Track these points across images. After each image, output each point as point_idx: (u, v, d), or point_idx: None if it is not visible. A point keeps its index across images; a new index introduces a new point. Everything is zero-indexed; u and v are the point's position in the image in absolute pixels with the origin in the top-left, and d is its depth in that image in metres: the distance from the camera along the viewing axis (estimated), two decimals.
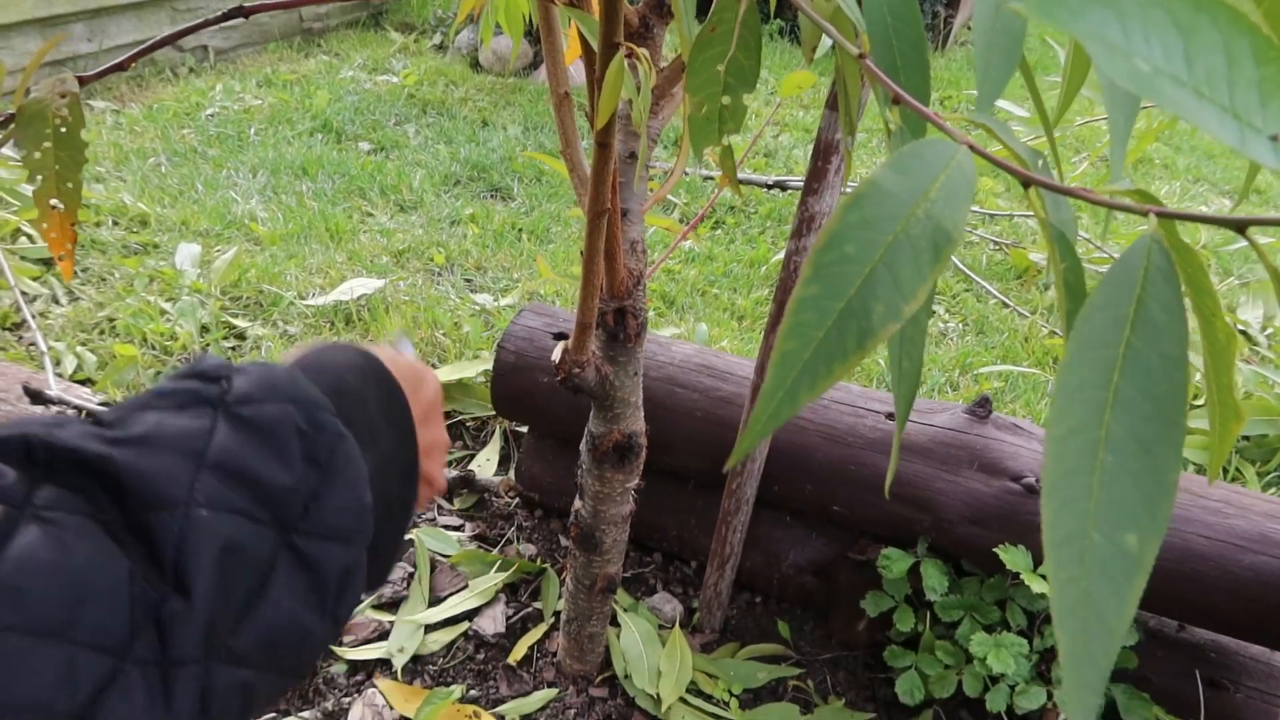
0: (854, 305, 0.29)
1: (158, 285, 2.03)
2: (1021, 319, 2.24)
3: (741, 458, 0.29)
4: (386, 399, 0.40)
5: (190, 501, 0.30)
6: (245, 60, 3.74)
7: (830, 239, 0.30)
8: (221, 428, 0.32)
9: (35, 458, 0.29)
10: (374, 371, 0.41)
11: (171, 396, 0.33)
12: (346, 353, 0.41)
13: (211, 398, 0.33)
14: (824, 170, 1.00)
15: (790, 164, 3.10)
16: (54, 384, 1.63)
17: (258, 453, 0.32)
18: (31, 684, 0.25)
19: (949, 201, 0.31)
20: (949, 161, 0.32)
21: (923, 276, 0.31)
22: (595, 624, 1.20)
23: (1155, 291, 0.27)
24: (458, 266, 2.28)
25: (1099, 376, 0.26)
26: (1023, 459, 1.16)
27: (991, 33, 0.41)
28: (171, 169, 2.65)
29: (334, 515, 0.34)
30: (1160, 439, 0.25)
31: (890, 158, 0.32)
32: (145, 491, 0.29)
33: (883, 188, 0.31)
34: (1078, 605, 0.24)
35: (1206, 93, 0.23)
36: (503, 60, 3.79)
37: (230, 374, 0.34)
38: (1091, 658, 0.23)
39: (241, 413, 0.32)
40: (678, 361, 1.31)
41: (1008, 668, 1.09)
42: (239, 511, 0.31)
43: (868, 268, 0.30)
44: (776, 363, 0.29)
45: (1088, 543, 0.24)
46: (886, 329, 0.30)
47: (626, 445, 1.00)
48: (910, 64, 0.45)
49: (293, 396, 0.34)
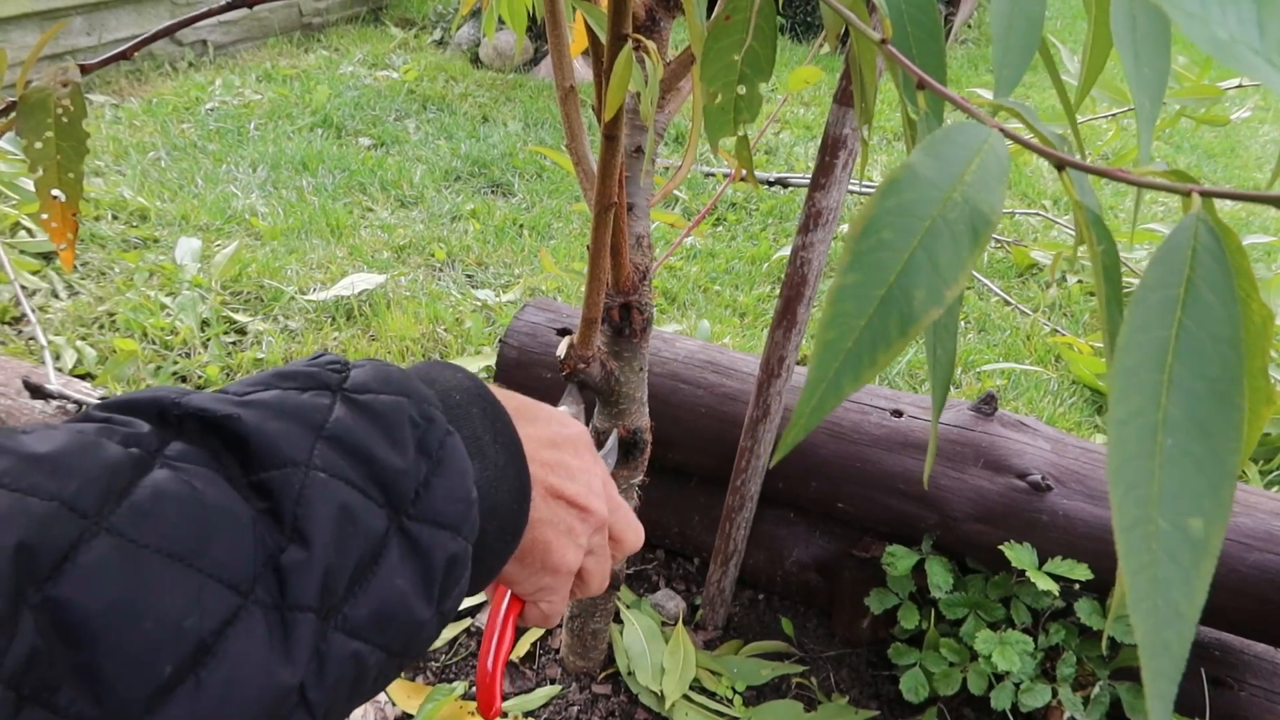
0: (894, 292, 0.29)
1: (158, 280, 2.02)
2: (1023, 317, 2.24)
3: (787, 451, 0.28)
4: (491, 419, 0.40)
5: (310, 464, 0.31)
6: (245, 55, 3.73)
7: (867, 225, 0.30)
8: (340, 408, 0.33)
9: (167, 417, 0.31)
10: (479, 394, 0.40)
11: (293, 379, 0.34)
12: (455, 372, 0.41)
13: (331, 383, 0.34)
14: (831, 165, 0.99)
15: (791, 161, 3.10)
16: (54, 378, 1.63)
17: (374, 434, 0.33)
18: (165, 600, 0.27)
19: (984, 185, 0.31)
20: (982, 145, 0.31)
21: (961, 260, 0.30)
22: (598, 620, 1.19)
23: (1204, 272, 0.26)
24: (459, 262, 2.27)
25: (1154, 359, 0.25)
26: (1028, 456, 1.15)
27: (1010, 17, 0.40)
28: (171, 163, 2.64)
29: (443, 503, 0.34)
30: (1218, 421, 0.25)
31: (923, 143, 0.31)
32: (269, 449, 0.31)
33: (918, 172, 0.31)
34: (1149, 592, 0.23)
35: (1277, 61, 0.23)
36: (503, 56, 3.78)
37: (348, 365, 0.36)
38: (1166, 645, 0.23)
39: (359, 399, 0.34)
40: (682, 357, 1.31)
41: (1012, 665, 1.08)
42: (354, 484, 0.32)
43: (906, 253, 0.29)
44: (818, 353, 0.28)
45: (1153, 528, 0.24)
46: (929, 314, 0.30)
47: (631, 441, 0.99)
48: (926, 51, 0.44)
49: (406, 390, 0.35)
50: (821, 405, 0.29)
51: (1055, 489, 1.13)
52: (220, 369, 1.74)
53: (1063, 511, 1.12)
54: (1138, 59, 0.45)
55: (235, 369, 1.76)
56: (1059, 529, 1.12)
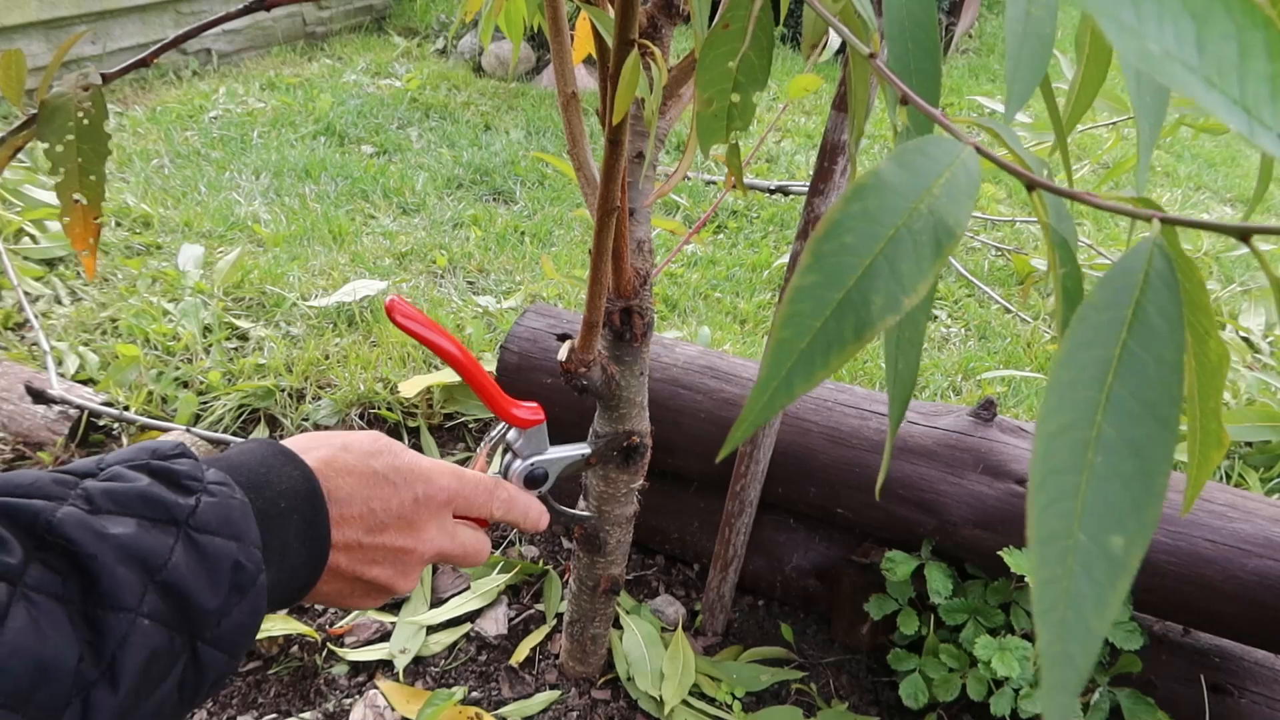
0: (852, 296, 0.29)
1: (160, 286, 2.03)
2: (1024, 324, 2.25)
3: (733, 448, 0.29)
4: (309, 523, 0.48)
5: (139, 611, 0.37)
6: (248, 64, 3.75)
7: (830, 228, 0.30)
8: (179, 551, 0.39)
9: (37, 534, 0.36)
10: (308, 498, 0.48)
11: (153, 505, 0.40)
12: (293, 471, 0.48)
13: (179, 517, 0.40)
14: (829, 171, 1.00)
15: (792, 169, 3.11)
16: (56, 383, 1.63)
17: (200, 577, 0.40)
18: None
19: (952, 198, 0.31)
20: (953, 159, 0.32)
21: (923, 271, 0.30)
22: (598, 626, 1.19)
23: (1155, 296, 0.27)
24: (460, 269, 2.28)
25: (1093, 376, 0.26)
26: (1027, 461, 1.15)
27: (1023, 35, 0.41)
28: (174, 171, 2.66)
29: (234, 631, 0.42)
30: (1152, 442, 0.25)
31: (894, 153, 0.32)
32: (111, 592, 0.37)
33: (885, 180, 0.31)
34: (1057, 604, 0.23)
35: (1217, 82, 0.23)
36: (505, 64, 3.80)
37: (200, 492, 0.42)
38: (1070, 658, 0.23)
39: (198, 540, 0.40)
40: (682, 363, 1.31)
41: (1012, 671, 1.08)
42: (170, 626, 0.39)
43: (868, 259, 0.29)
44: (772, 351, 0.28)
45: (1072, 542, 0.24)
46: (885, 320, 0.30)
47: (631, 446, 1.00)
48: (923, 69, 0.45)
49: (239, 533, 0.42)
50: (772, 403, 0.29)
51: None
52: (222, 374, 1.75)
53: None
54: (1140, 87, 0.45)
55: (237, 374, 1.77)
56: None
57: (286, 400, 1.72)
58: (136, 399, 1.68)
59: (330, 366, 1.78)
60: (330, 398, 1.71)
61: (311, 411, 1.70)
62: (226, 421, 1.68)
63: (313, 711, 1.18)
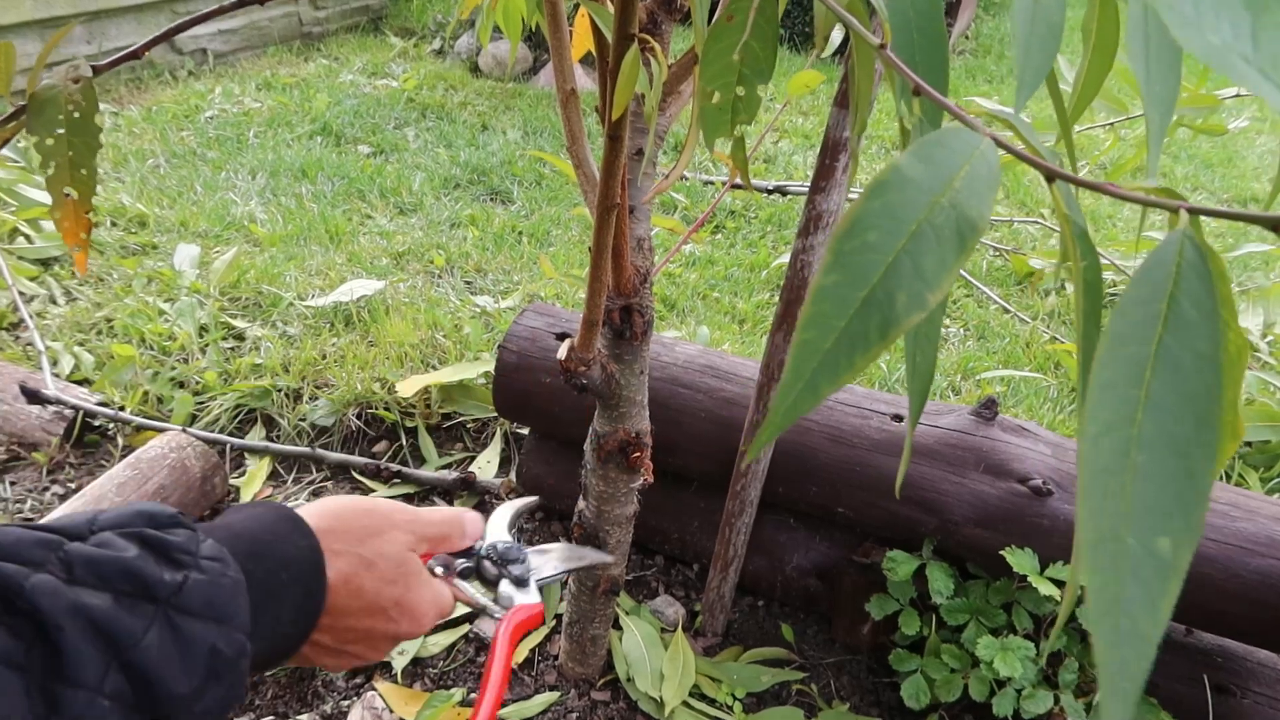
0: (877, 294, 0.28)
1: (156, 286, 2.02)
2: (1022, 324, 2.24)
3: (758, 453, 0.28)
4: (305, 598, 0.47)
5: (99, 690, 0.36)
6: (244, 64, 3.74)
7: (852, 226, 0.29)
8: (154, 632, 0.38)
9: (8, 595, 0.35)
10: (311, 572, 0.48)
11: (132, 579, 0.38)
12: (300, 541, 0.48)
13: (161, 596, 0.39)
14: (831, 168, 0.99)
15: (790, 169, 3.10)
16: (51, 384, 1.62)
17: (173, 663, 0.38)
18: None
19: (974, 192, 0.31)
20: (973, 152, 0.31)
21: (947, 266, 0.30)
22: (597, 627, 1.18)
23: (1188, 288, 0.26)
24: (457, 269, 2.27)
25: (1131, 374, 0.25)
26: (1029, 461, 1.15)
27: (1031, 24, 0.40)
28: (170, 170, 2.64)
29: (204, 716, 0.40)
30: (1193, 440, 0.24)
31: (913, 145, 0.31)
32: (74, 669, 0.35)
33: (906, 175, 0.30)
34: (1111, 610, 0.23)
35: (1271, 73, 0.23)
36: (502, 65, 3.79)
37: (191, 568, 0.40)
38: (1125, 666, 0.22)
39: (176, 621, 0.39)
40: (681, 362, 1.30)
41: (1014, 671, 1.08)
42: (132, 706, 0.37)
43: (891, 256, 0.29)
44: (795, 353, 0.28)
45: (1121, 546, 0.23)
46: (910, 318, 0.29)
47: (632, 444, 0.99)
48: (929, 61, 0.44)
49: (223, 616, 0.41)
50: (796, 406, 0.28)
51: (1056, 494, 1.12)
52: (218, 374, 1.74)
53: (1064, 516, 1.12)
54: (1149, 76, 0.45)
55: (233, 374, 1.75)
56: (1060, 534, 1.12)
57: (283, 400, 1.71)
58: (132, 399, 1.67)
59: (327, 366, 1.77)
60: (327, 397, 1.70)
61: (309, 412, 1.69)
62: (223, 422, 1.67)
63: (310, 713, 1.17)
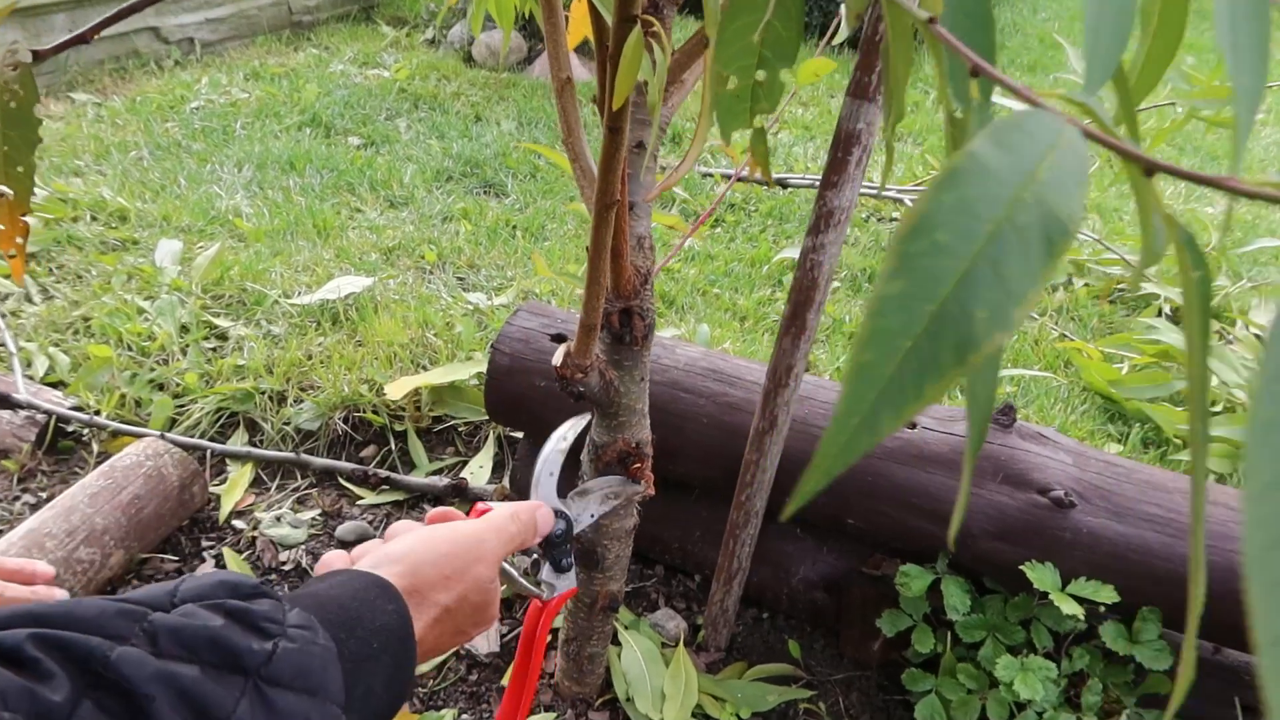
0: (949, 307, 0.23)
1: (136, 283, 1.95)
2: (1030, 321, 2.19)
3: (806, 499, 0.22)
4: (397, 664, 0.46)
5: None
6: (232, 53, 3.66)
7: (918, 224, 0.24)
8: (245, 703, 0.37)
9: (91, 669, 0.34)
10: (400, 638, 0.46)
11: (219, 649, 0.37)
12: (388, 605, 0.47)
13: (250, 666, 0.37)
14: (844, 163, 0.93)
15: (790, 161, 3.04)
16: (23, 387, 1.55)
17: None
18: None
19: (1061, 185, 0.25)
20: (1057, 138, 0.26)
21: (1033, 275, 0.24)
22: (595, 644, 1.13)
23: None
24: (450, 264, 2.20)
25: None
26: (1050, 471, 1.09)
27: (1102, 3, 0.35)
28: (154, 163, 2.57)
29: None
30: None
31: (987, 130, 0.26)
32: None
33: (983, 163, 0.25)
34: None
35: None
36: (496, 54, 3.71)
37: (279, 637, 0.39)
38: None
39: (269, 694, 0.38)
40: (683, 365, 1.24)
41: (1035, 693, 1.02)
42: None
43: (966, 261, 0.24)
44: (852, 378, 0.23)
45: None
46: (992, 340, 0.24)
47: (632, 455, 0.93)
48: (976, 41, 0.38)
49: (316, 688, 0.39)
50: (853, 445, 0.23)
51: (1079, 505, 1.07)
52: (199, 376, 1.67)
53: (1087, 529, 1.06)
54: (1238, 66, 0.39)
55: (215, 376, 1.69)
56: (1083, 548, 1.06)
57: (267, 403, 1.64)
58: (108, 403, 1.60)
59: (313, 367, 1.71)
60: (313, 400, 1.63)
61: (293, 415, 1.62)
62: (203, 426, 1.61)
63: None
